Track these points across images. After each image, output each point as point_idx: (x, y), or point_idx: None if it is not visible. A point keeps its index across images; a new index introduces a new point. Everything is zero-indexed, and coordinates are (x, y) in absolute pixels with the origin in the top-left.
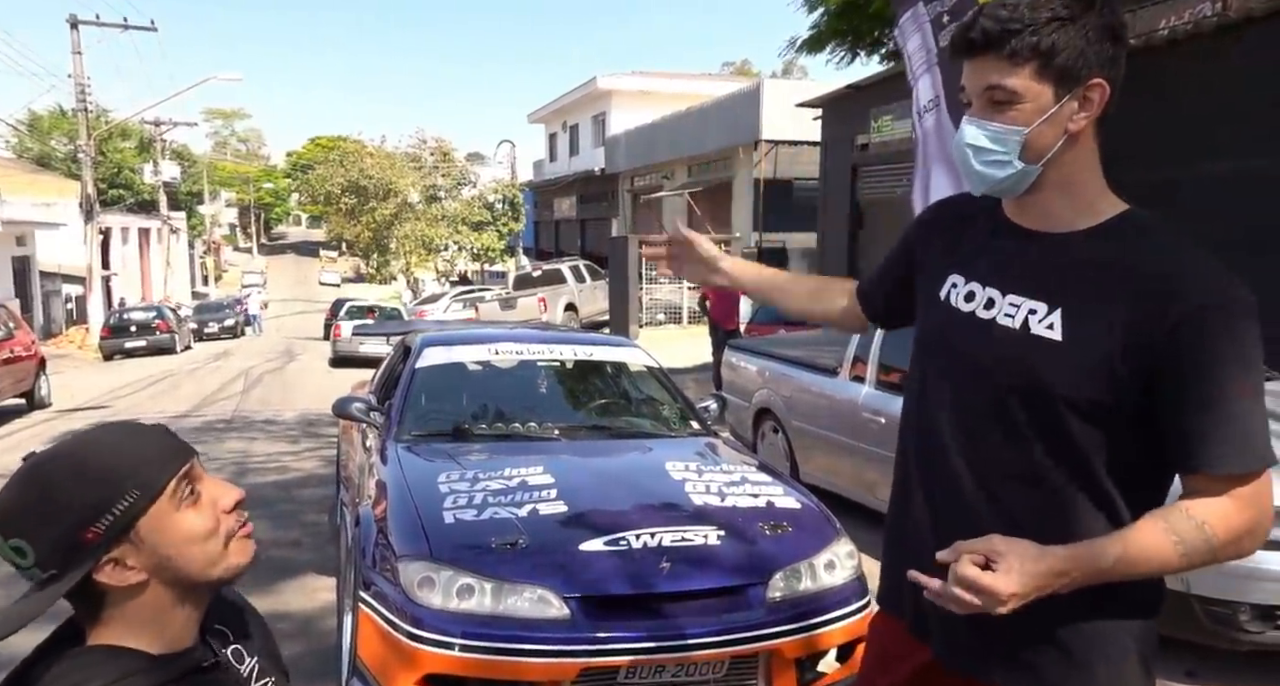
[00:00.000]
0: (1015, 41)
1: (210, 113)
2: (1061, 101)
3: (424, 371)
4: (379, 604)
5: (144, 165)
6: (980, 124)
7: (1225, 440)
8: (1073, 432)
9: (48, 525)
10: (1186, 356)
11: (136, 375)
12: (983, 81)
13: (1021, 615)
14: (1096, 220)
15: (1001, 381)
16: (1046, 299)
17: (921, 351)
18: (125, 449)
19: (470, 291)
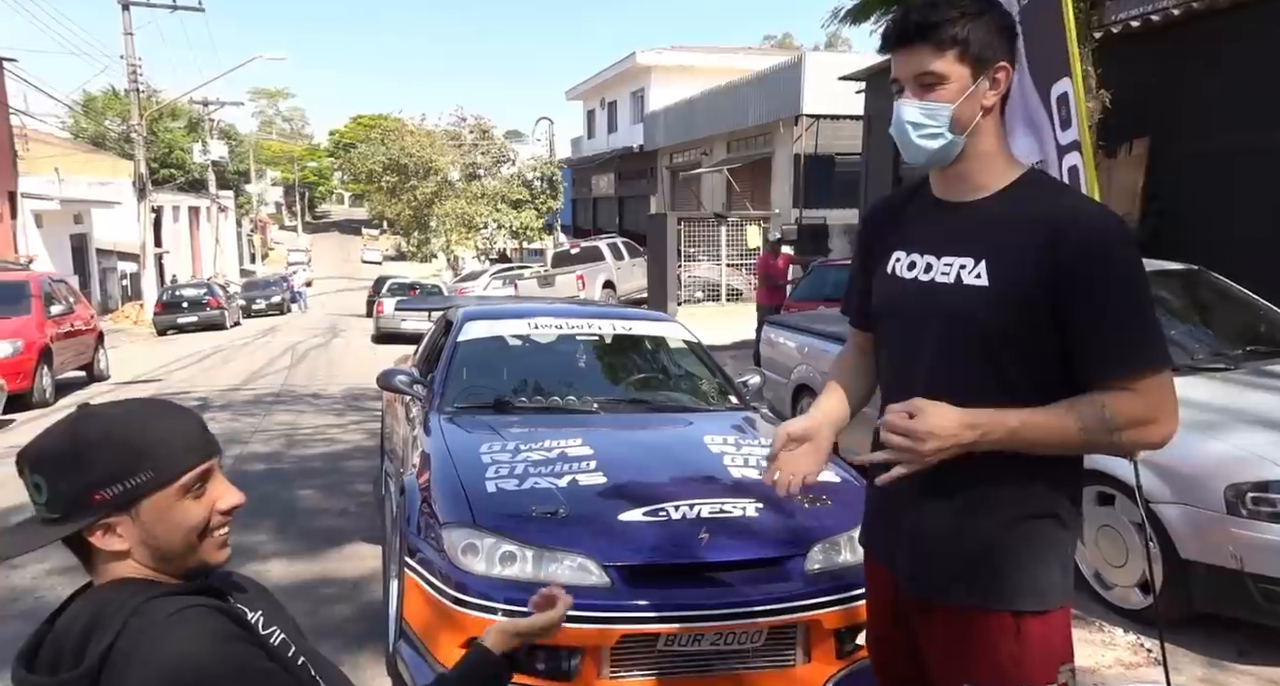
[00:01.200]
0: (941, 32)
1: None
2: (977, 81)
3: (465, 345)
4: (424, 570)
5: (193, 145)
6: (912, 104)
7: (1124, 344)
8: (1006, 364)
9: (66, 475)
10: (1082, 280)
11: (189, 350)
12: (915, 68)
13: (955, 543)
14: (1004, 183)
15: (946, 328)
16: (972, 254)
17: (880, 320)
18: (158, 429)
19: (510, 269)
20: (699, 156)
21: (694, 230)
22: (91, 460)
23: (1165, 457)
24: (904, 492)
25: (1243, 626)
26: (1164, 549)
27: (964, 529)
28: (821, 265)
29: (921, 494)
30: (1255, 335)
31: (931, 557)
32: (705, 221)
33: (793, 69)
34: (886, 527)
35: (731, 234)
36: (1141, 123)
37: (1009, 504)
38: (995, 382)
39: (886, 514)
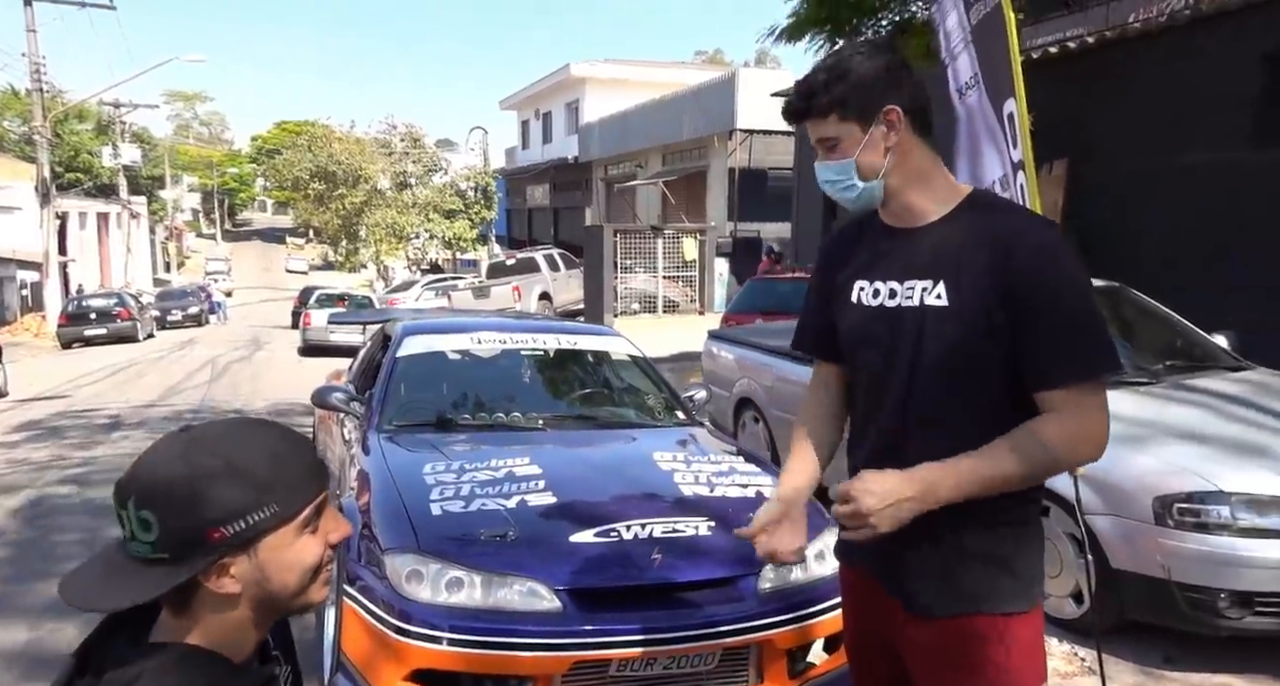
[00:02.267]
0: (814, 104)
1: (171, 95)
2: (869, 131)
3: (405, 360)
4: (364, 597)
5: (103, 148)
6: (824, 165)
7: (1067, 353)
8: (979, 382)
9: (185, 510)
10: (1027, 291)
11: (98, 363)
12: (814, 136)
13: (934, 556)
14: (949, 207)
15: (918, 349)
16: (930, 276)
17: (851, 349)
18: (280, 460)
19: (442, 280)
20: (634, 168)
21: (630, 242)
22: (210, 496)
23: (1096, 471)
24: None
25: (1170, 634)
26: (1096, 559)
27: (942, 541)
28: (756, 278)
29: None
30: (1174, 350)
31: (914, 572)
32: (641, 233)
33: (726, 84)
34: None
35: (668, 246)
36: (1061, 144)
37: (983, 515)
38: (973, 401)
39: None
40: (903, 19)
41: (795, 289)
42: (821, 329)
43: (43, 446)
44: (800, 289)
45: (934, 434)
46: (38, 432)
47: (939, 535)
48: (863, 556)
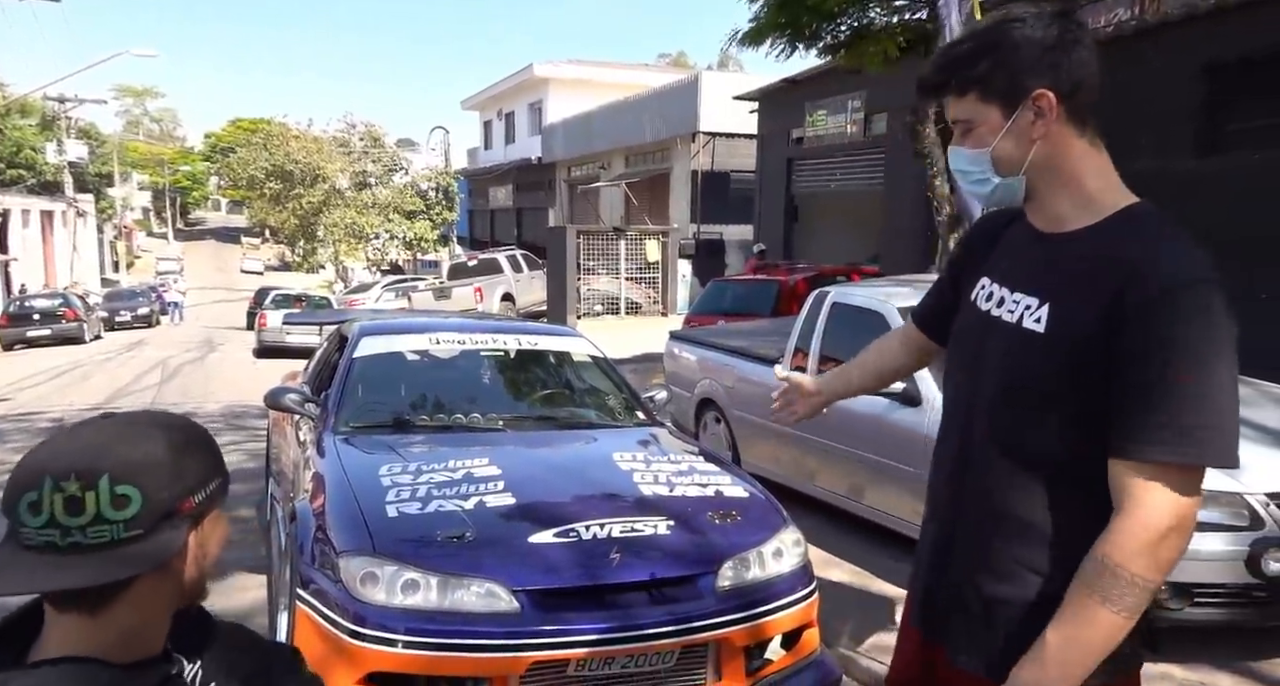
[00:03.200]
0: (952, 80)
1: (120, 90)
2: (1012, 118)
3: (362, 361)
4: (318, 601)
5: (47, 144)
6: (956, 151)
7: (1157, 424)
8: (1061, 420)
9: (169, 480)
10: (1133, 339)
11: (41, 366)
12: (950, 116)
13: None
14: (1098, 218)
15: (994, 372)
16: (1040, 295)
17: (950, 350)
18: (207, 436)
19: (403, 281)
20: (597, 170)
21: (593, 243)
22: (188, 464)
23: None
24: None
25: None
26: None
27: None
28: (717, 280)
29: (975, 552)
30: None
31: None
32: (604, 235)
33: (689, 87)
34: (928, 572)
35: (630, 248)
36: None
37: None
38: (1054, 440)
39: (935, 566)
40: (862, 24)
41: (757, 290)
42: (934, 307)
43: None
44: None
45: (1005, 468)
46: None
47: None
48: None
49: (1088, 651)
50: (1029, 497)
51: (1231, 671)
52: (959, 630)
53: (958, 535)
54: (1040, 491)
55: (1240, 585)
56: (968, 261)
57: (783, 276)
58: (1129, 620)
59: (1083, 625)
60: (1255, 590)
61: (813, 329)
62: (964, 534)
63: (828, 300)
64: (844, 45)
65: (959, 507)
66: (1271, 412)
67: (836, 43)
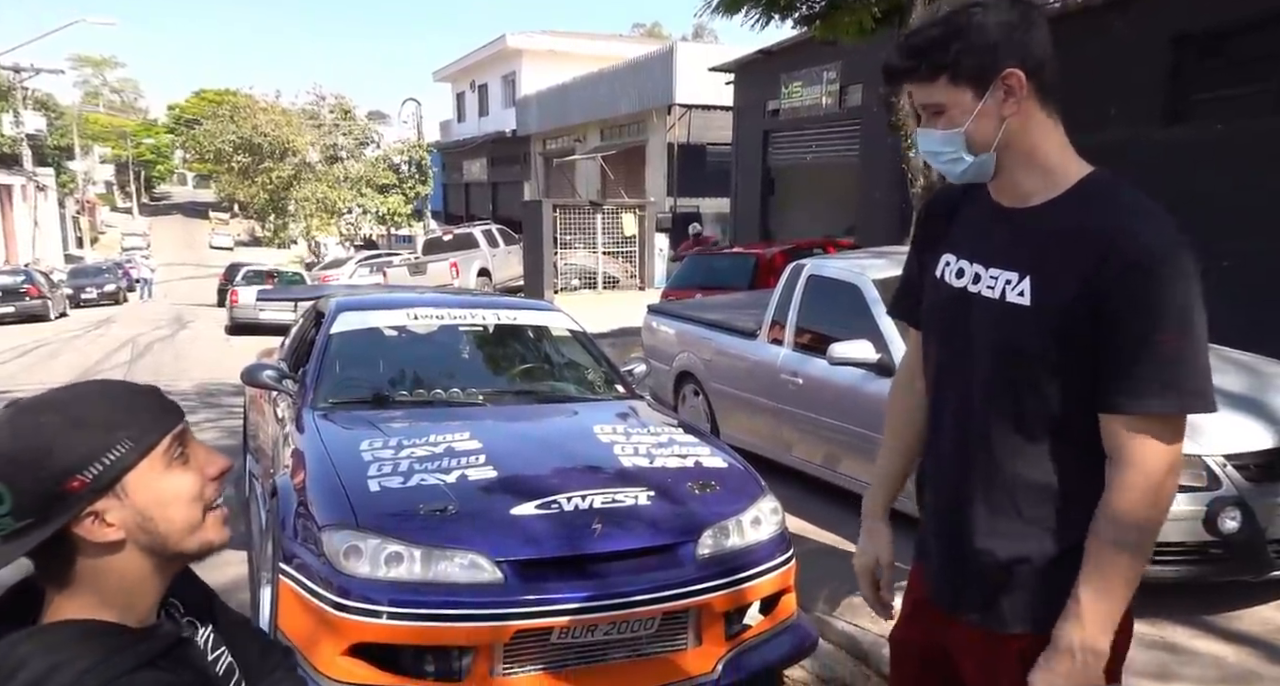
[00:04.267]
0: (922, 65)
1: (78, 60)
2: (984, 98)
3: (339, 337)
4: (301, 575)
5: (3, 116)
6: (927, 134)
7: (1145, 380)
8: (1052, 391)
9: (32, 471)
10: (1118, 306)
11: (5, 344)
12: (918, 99)
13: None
14: (1060, 189)
15: (991, 347)
16: (1018, 269)
17: (925, 329)
18: (120, 401)
19: (377, 256)
20: (573, 143)
21: (570, 217)
22: (57, 446)
23: None
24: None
25: None
26: None
27: (1034, 555)
28: (695, 253)
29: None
30: None
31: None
32: (581, 209)
33: (665, 58)
34: (935, 539)
35: (607, 221)
36: None
37: (1076, 527)
38: (1045, 411)
39: (948, 537)
40: None
41: (734, 264)
42: (916, 294)
43: None
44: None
45: (1007, 436)
46: None
47: (1031, 551)
48: (932, 564)
49: (1118, 598)
50: (1032, 460)
51: (1188, 625)
52: (976, 592)
53: (966, 503)
54: (1042, 453)
55: (1197, 543)
56: (927, 239)
57: (759, 250)
58: (1145, 561)
59: (1109, 576)
60: (1211, 547)
61: (789, 301)
62: (973, 502)
63: (804, 272)
64: (819, 16)
65: (965, 477)
66: (1232, 378)
67: (812, 14)
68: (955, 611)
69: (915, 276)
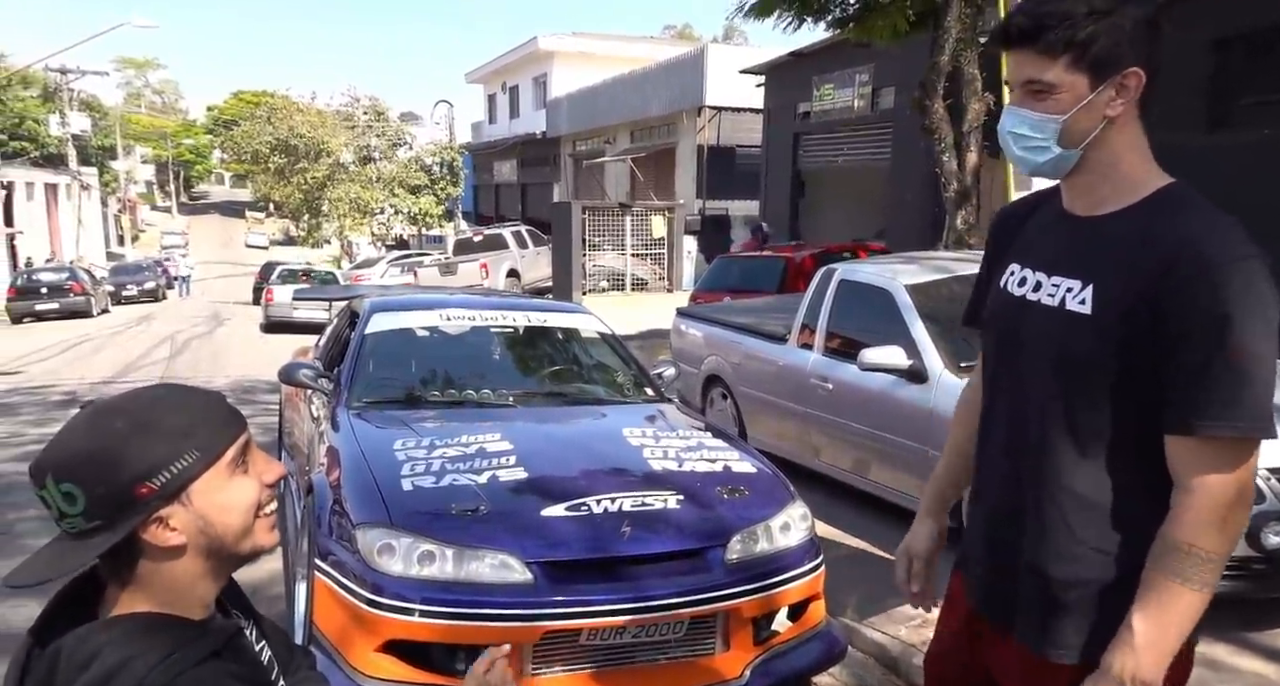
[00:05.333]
0: (1049, 36)
1: (122, 61)
2: (1098, 90)
3: (374, 337)
4: (336, 572)
5: (49, 116)
6: (1019, 113)
7: (1208, 400)
8: (1115, 402)
9: (106, 474)
10: (1181, 319)
11: (51, 339)
12: (1021, 74)
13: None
14: (1135, 198)
15: (1040, 355)
16: (1082, 276)
17: (985, 338)
18: (190, 408)
19: (408, 256)
20: (602, 144)
21: (599, 219)
22: (129, 452)
23: None
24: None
25: None
26: None
27: (1089, 580)
28: (725, 256)
29: (1041, 535)
30: None
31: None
32: (610, 210)
33: (695, 60)
34: (984, 552)
35: (636, 223)
36: None
37: (1135, 552)
38: (1101, 425)
39: (996, 547)
40: None
41: (763, 267)
42: (977, 306)
43: None
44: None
45: (1061, 449)
46: None
47: (1088, 575)
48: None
49: (1175, 631)
50: (1089, 477)
51: (1229, 642)
52: (1026, 611)
53: (1017, 516)
54: (1098, 469)
55: (1240, 557)
56: (996, 250)
57: (789, 253)
58: (1208, 595)
59: (1166, 607)
60: (1254, 562)
61: (820, 306)
62: (1025, 515)
63: (835, 277)
64: (853, 19)
65: (1017, 490)
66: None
67: (845, 16)
68: (1006, 628)
69: (985, 287)
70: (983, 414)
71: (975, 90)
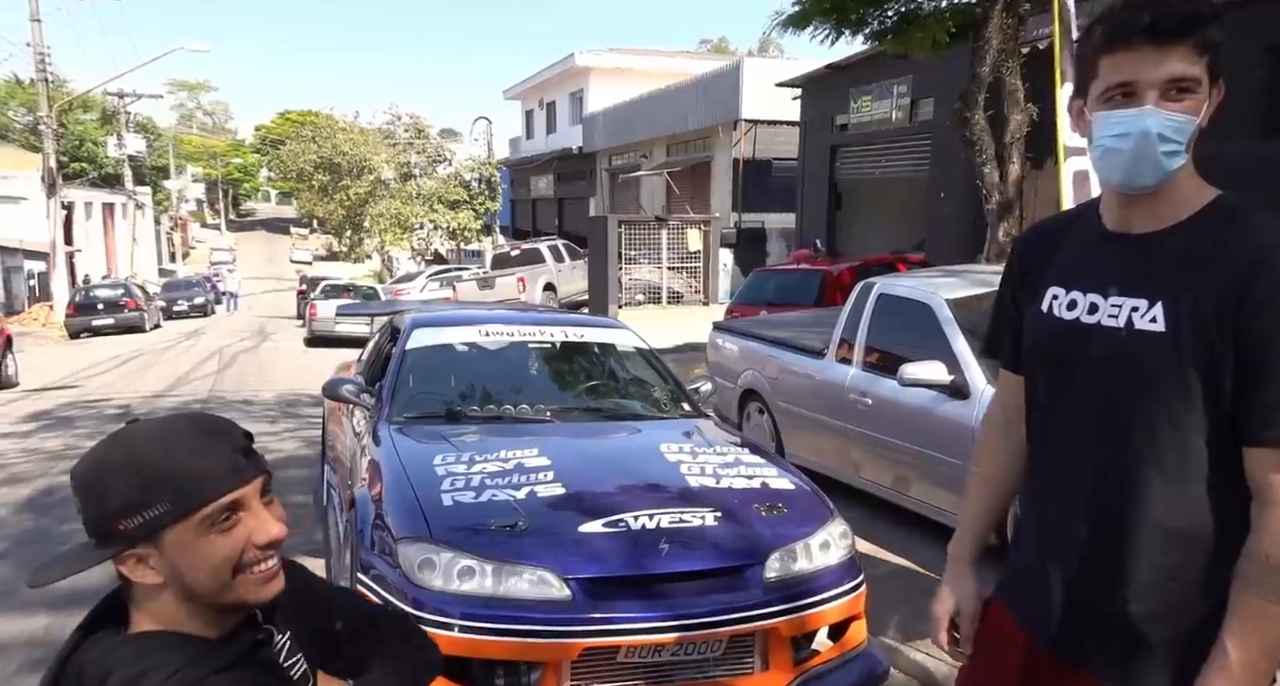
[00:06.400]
0: (1208, 31)
1: (175, 84)
2: (1211, 95)
3: (414, 353)
4: (378, 585)
5: (107, 138)
6: (1162, 114)
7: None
8: (1184, 425)
9: (96, 500)
10: (1268, 328)
11: (106, 354)
12: (1169, 70)
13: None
14: (1189, 213)
15: (1113, 380)
16: (1148, 295)
17: (1032, 366)
18: (181, 455)
19: (447, 271)
20: (638, 159)
21: (635, 233)
22: (111, 488)
23: None
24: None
25: None
26: None
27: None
28: (761, 270)
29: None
30: None
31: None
32: (646, 224)
33: (731, 74)
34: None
35: (672, 237)
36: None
37: (1222, 582)
38: (1181, 446)
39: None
40: (910, 9)
41: (800, 280)
42: (1006, 340)
43: (53, 436)
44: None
45: (1138, 475)
46: (48, 422)
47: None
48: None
49: (1269, 652)
50: (1168, 502)
51: None
52: (1105, 648)
53: (1091, 551)
54: (1179, 494)
55: None
56: (1025, 274)
57: (826, 266)
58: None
59: (1260, 628)
60: None
61: (859, 320)
62: (1100, 548)
63: (874, 291)
64: (891, 31)
65: (1088, 522)
66: None
67: (884, 28)
68: (1076, 664)
69: (1010, 314)
70: (1038, 449)
71: (1017, 101)
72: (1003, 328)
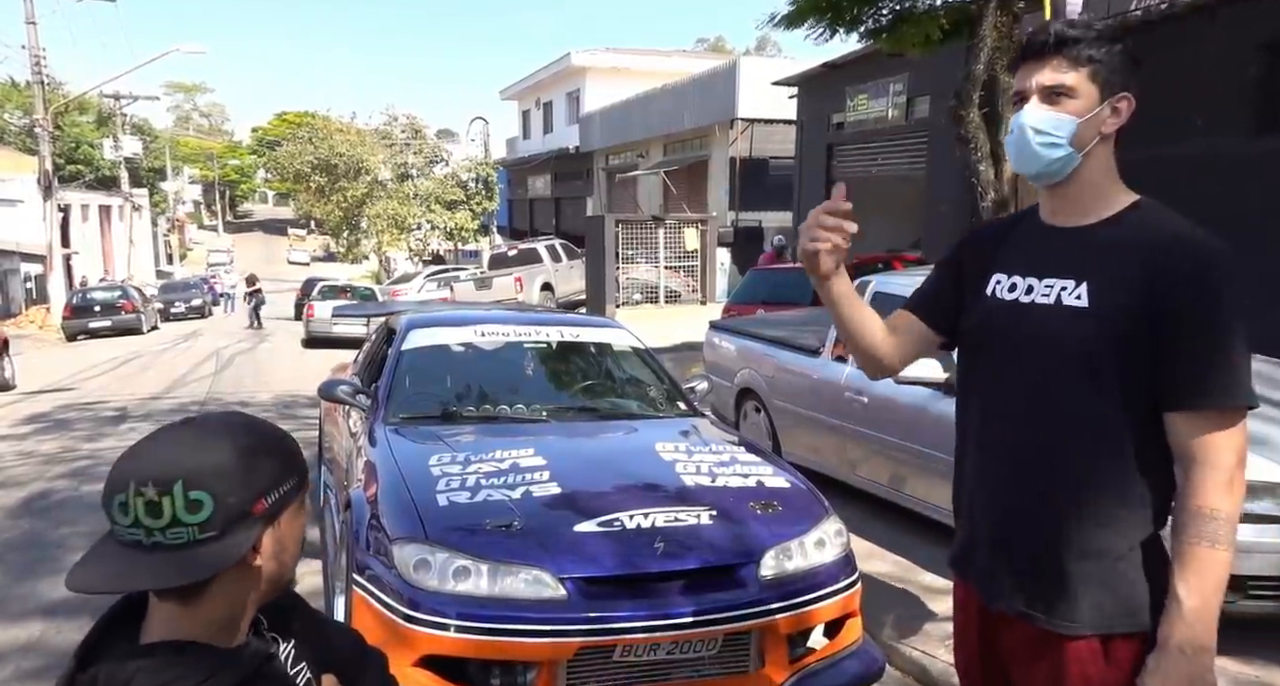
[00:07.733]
0: (1080, 48)
1: (171, 86)
2: (1101, 105)
3: (410, 353)
4: (373, 586)
5: (103, 140)
6: (1040, 111)
7: (1209, 377)
8: (1106, 392)
9: (239, 485)
10: (1181, 309)
11: (103, 356)
12: (1047, 79)
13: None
14: (1112, 211)
15: (1045, 352)
16: (1075, 276)
17: (970, 345)
18: (286, 438)
19: (444, 271)
20: (635, 158)
21: (632, 232)
22: (259, 466)
23: None
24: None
25: None
26: None
27: (1104, 551)
28: (758, 269)
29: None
30: None
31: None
32: (643, 223)
33: (728, 73)
34: (992, 548)
35: (669, 236)
36: None
37: (1139, 525)
38: (1097, 413)
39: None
40: (904, 7)
41: (796, 280)
42: (929, 294)
43: (50, 439)
44: (803, 280)
45: (1066, 437)
46: (45, 425)
47: (1098, 547)
48: (977, 565)
49: (1214, 594)
50: (1093, 460)
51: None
52: (1037, 593)
53: (1024, 507)
54: (1102, 453)
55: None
56: (966, 263)
57: None
58: (1232, 552)
59: (1204, 572)
60: None
61: None
62: (1032, 504)
63: (870, 289)
64: (885, 29)
65: (1022, 479)
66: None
67: (878, 26)
68: (1016, 608)
69: (944, 287)
70: (973, 416)
71: (1010, 99)
72: (931, 289)
